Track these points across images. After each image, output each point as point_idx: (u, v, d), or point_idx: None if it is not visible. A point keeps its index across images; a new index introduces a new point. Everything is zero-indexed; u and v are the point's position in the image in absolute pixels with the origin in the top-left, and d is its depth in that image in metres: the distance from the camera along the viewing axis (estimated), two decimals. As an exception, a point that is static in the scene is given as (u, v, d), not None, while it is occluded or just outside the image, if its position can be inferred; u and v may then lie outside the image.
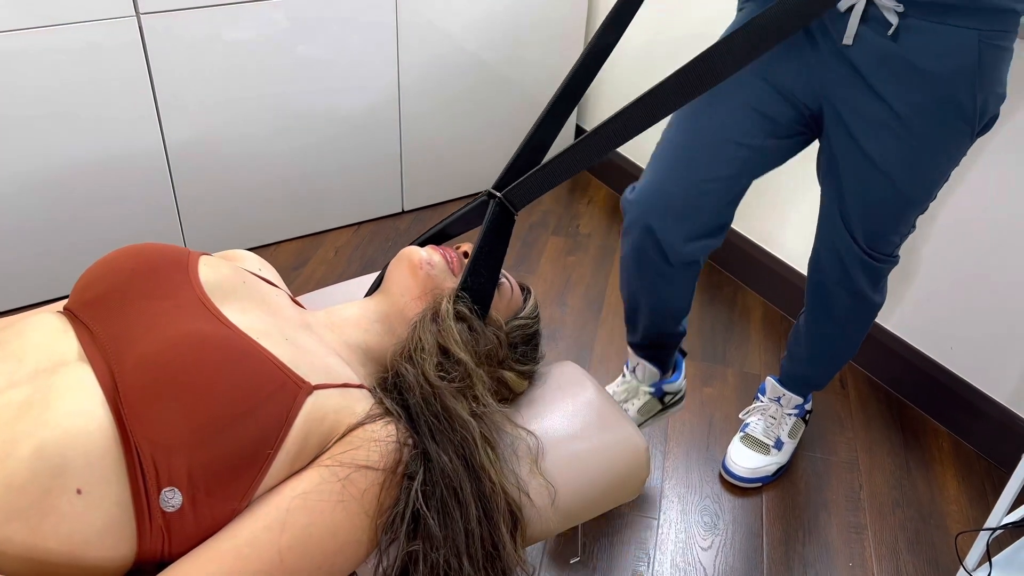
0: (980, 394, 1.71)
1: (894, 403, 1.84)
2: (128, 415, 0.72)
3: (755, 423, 1.65)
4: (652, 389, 1.62)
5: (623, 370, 1.68)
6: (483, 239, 0.96)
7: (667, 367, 1.61)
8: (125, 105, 1.89)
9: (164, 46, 1.88)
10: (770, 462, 1.62)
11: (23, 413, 0.71)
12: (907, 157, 1.19)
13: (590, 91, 2.64)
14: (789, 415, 1.64)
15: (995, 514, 1.23)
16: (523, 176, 0.96)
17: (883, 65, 1.13)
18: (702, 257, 1.38)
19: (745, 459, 1.61)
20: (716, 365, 1.92)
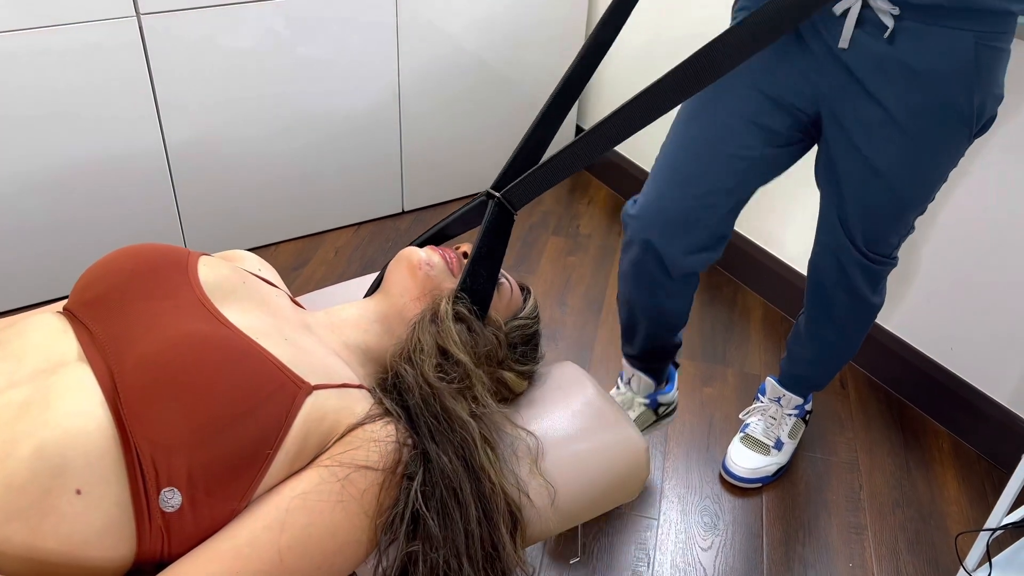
0: (980, 394, 1.71)
1: (894, 403, 1.84)
2: (128, 415, 0.72)
3: (755, 423, 1.65)
4: (647, 400, 1.63)
5: (617, 382, 1.68)
6: (482, 239, 0.96)
7: (662, 378, 1.62)
8: (125, 105, 1.89)
9: (164, 46, 1.88)
10: (770, 462, 1.62)
11: (23, 413, 0.71)
12: (905, 160, 1.19)
13: (590, 91, 2.64)
14: (789, 415, 1.64)
15: (995, 514, 1.23)
16: (522, 175, 0.95)
17: (879, 68, 1.12)
18: (701, 269, 1.39)
19: (745, 459, 1.61)
20: (716, 365, 1.92)
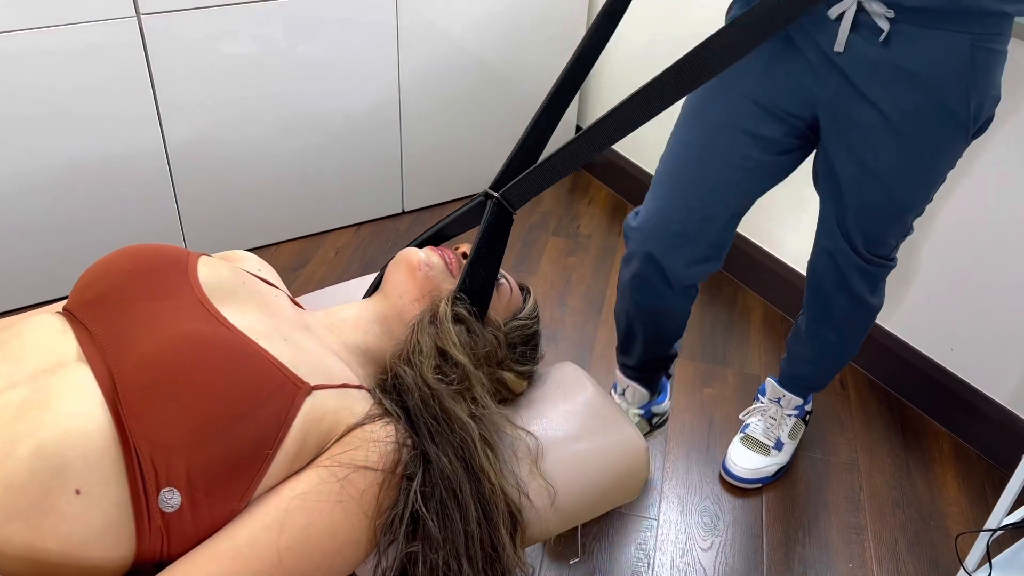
0: (980, 395, 1.71)
1: (894, 404, 1.84)
2: (127, 415, 0.72)
3: (755, 424, 1.65)
4: (642, 411, 1.64)
5: (611, 393, 1.68)
6: (481, 239, 0.96)
7: (656, 390, 1.63)
8: (125, 105, 1.89)
9: (164, 46, 1.88)
10: (770, 463, 1.62)
11: (23, 413, 0.71)
12: (902, 162, 1.18)
13: (589, 91, 2.64)
14: (789, 416, 1.64)
15: (995, 515, 1.23)
16: (520, 175, 0.95)
17: (875, 72, 1.12)
18: (702, 279, 1.39)
19: (745, 460, 1.61)
20: (716, 365, 1.92)
